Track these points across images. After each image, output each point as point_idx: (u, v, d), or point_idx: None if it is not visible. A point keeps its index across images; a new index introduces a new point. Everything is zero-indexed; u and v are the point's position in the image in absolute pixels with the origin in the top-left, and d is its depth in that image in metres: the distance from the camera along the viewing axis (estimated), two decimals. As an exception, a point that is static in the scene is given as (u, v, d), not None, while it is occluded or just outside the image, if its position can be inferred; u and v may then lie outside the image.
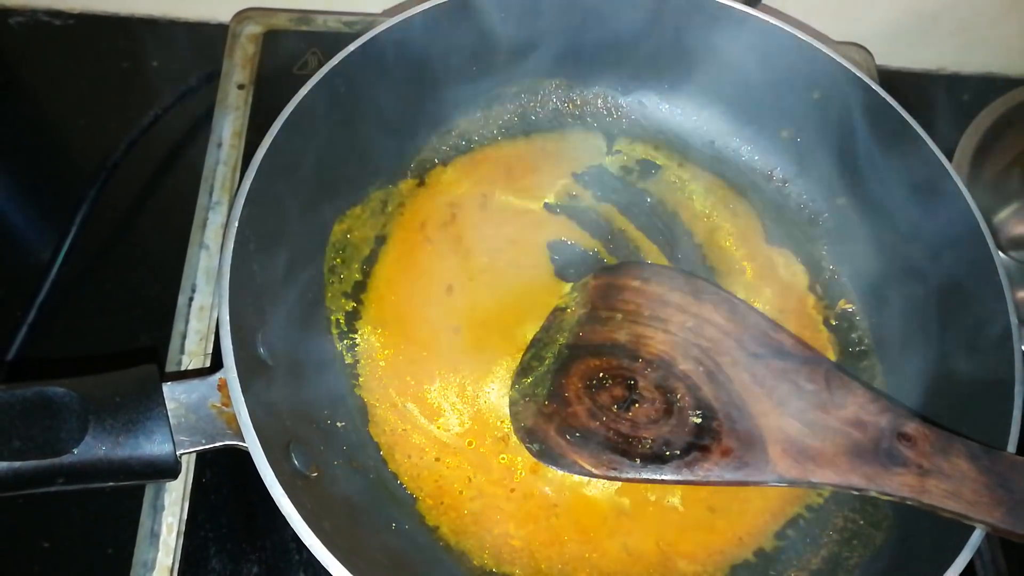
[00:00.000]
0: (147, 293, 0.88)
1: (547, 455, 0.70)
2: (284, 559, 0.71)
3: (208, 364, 0.77)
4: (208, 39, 1.01)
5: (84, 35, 1.04)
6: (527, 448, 0.71)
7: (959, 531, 0.61)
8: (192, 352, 0.78)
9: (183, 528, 0.71)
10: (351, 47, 0.74)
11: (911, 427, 0.63)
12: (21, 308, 0.85)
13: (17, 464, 0.53)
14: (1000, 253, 0.73)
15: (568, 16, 0.82)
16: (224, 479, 0.73)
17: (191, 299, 0.80)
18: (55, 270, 0.87)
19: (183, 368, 0.77)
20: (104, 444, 0.55)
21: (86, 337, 0.87)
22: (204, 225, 0.84)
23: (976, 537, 0.61)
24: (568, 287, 0.80)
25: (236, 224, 0.65)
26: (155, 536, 0.71)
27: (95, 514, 0.79)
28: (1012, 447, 0.64)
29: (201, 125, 0.96)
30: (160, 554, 0.70)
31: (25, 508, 0.79)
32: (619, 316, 0.74)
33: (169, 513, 0.71)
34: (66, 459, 0.54)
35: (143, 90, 1.00)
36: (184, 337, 0.78)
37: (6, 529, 0.79)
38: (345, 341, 0.76)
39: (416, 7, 0.76)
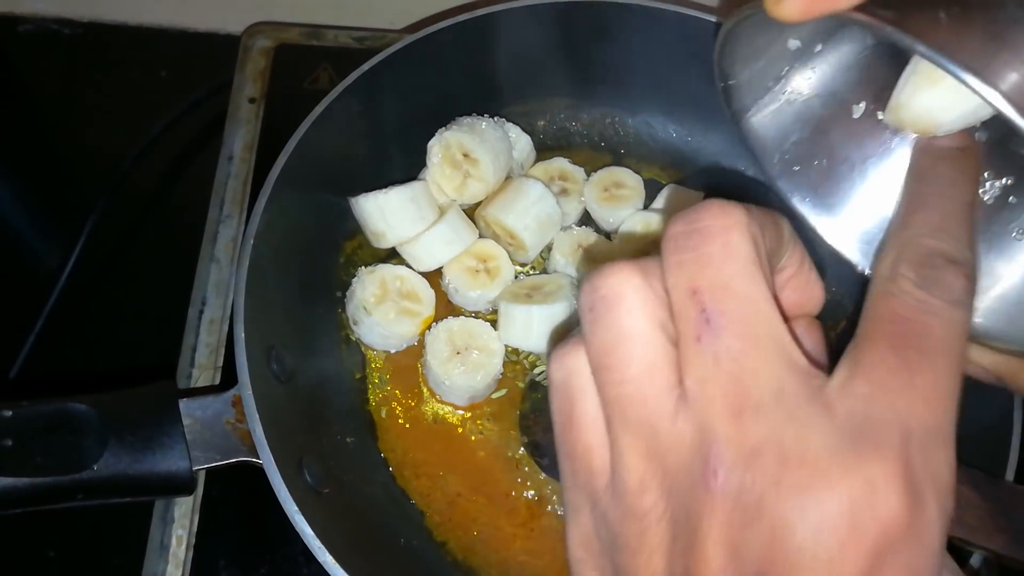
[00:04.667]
0: (155, 303, 0.89)
1: (556, 469, 0.71)
2: (292, 572, 0.71)
3: (218, 378, 0.78)
4: (218, 50, 1.02)
5: (93, 44, 1.05)
6: (536, 462, 0.72)
7: (956, 555, 0.62)
8: (202, 365, 0.78)
9: (193, 541, 0.71)
10: (367, 65, 0.75)
11: (916, 453, 0.64)
12: (30, 317, 0.86)
13: (39, 480, 0.54)
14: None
15: (578, 39, 0.83)
16: (234, 493, 0.73)
17: (201, 312, 0.81)
18: (63, 279, 0.87)
19: (193, 381, 0.78)
20: (123, 460, 0.56)
21: (94, 347, 0.88)
22: (215, 238, 0.84)
23: (974, 561, 0.62)
24: (577, 305, 0.80)
25: (252, 241, 0.66)
26: (164, 548, 0.71)
27: (101, 524, 0.79)
28: (1011, 473, 0.65)
29: (211, 135, 0.96)
30: (170, 566, 0.70)
31: (31, 517, 0.78)
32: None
33: (179, 526, 0.72)
34: (86, 475, 0.55)
35: (152, 100, 1.01)
36: (194, 350, 0.79)
37: (12, 538, 0.79)
38: (356, 357, 0.77)
39: (433, 26, 0.77)
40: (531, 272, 0.82)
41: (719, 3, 0.92)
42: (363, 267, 0.75)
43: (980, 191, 0.50)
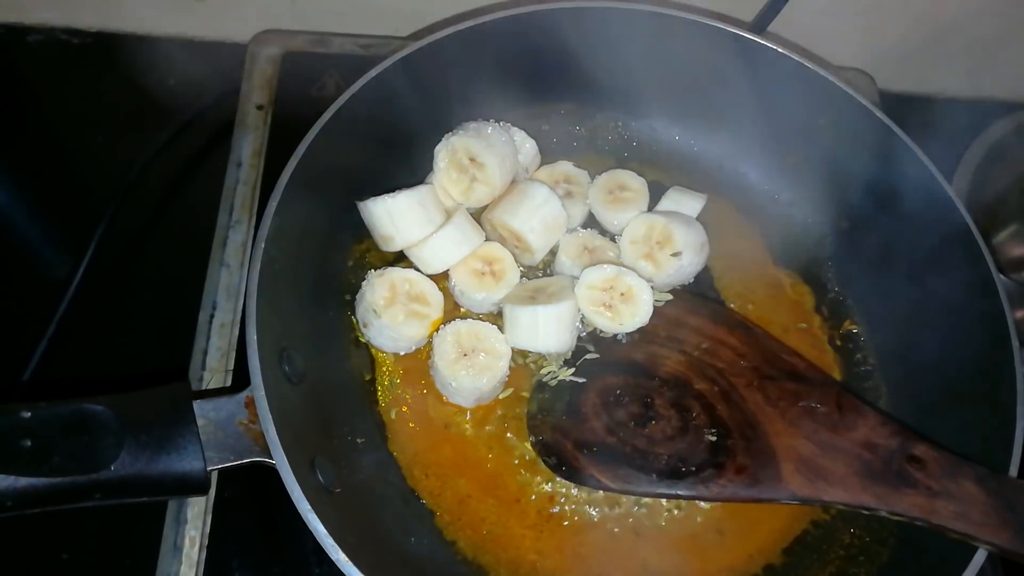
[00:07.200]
0: (165, 308, 0.90)
1: (563, 469, 0.71)
2: (304, 572, 0.72)
3: (229, 380, 0.79)
4: (225, 58, 1.03)
5: (101, 53, 1.06)
6: (544, 461, 0.73)
7: (962, 550, 0.63)
8: (213, 368, 0.79)
9: (206, 542, 0.72)
10: (373, 72, 0.76)
11: (921, 450, 0.65)
12: (42, 322, 0.86)
13: (57, 480, 0.54)
14: (1000, 275, 0.74)
15: (581, 45, 0.84)
16: (246, 494, 0.74)
17: (212, 316, 0.82)
18: (75, 285, 0.88)
19: (204, 383, 0.78)
20: (139, 460, 0.57)
21: (105, 351, 0.88)
22: (224, 243, 0.85)
23: (979, 557, 0.63)
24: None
25: (263, 245, 0.67)
26: (178, 549, 0.72)
27: (114, 526, 0.80)
28: (1014, 469, 0.66)
29: (218, 143, 0.97)
30: (183, 567, 0.71)
31: (44, 518, 0.78)
32: (636, 336, 0.76)
33: (192, 527, 0.73)
34: (103, 475, 0.56)
35: (160, 108, 1.01)
36: (205, 353, 0.80)
37: (25, 539, 0.80)
38: (365, 359, 0.77)
39: (437, 34, 0.78)
40: (528, 277, 0.83)
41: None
42: (372, 270, 0.76)
43: None
